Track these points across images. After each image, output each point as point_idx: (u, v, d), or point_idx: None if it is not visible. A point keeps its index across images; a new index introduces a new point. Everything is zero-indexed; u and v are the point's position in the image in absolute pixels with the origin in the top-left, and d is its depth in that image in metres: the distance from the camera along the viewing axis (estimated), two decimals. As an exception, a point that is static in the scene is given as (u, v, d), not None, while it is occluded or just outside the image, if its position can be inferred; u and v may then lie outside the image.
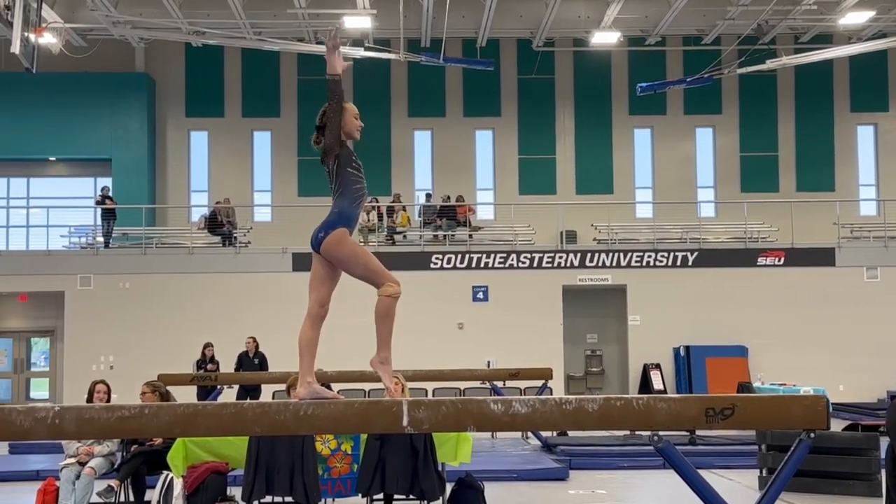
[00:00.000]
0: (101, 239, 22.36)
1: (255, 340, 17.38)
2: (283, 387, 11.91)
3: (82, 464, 8.60)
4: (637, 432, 12.32)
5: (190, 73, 25.35)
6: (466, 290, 21.68)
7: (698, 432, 13.16)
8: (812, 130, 25.71)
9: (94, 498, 8.44)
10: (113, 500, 8.43)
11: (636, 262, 22.00)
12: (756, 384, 19.21)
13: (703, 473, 5.03)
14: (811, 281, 21.72)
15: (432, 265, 21.71)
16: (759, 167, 25.65)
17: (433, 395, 17.68)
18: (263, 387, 16.66)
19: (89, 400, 8.92)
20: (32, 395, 23.17)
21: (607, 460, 12.58)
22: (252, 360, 17.13)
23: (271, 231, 23.54)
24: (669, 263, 21.99)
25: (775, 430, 9.04)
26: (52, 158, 25.13)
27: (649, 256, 22.03)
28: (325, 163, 5.19)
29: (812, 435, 4.54)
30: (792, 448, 4.59)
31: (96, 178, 24.89)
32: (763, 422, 4.98)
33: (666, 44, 25.14)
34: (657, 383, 21.19)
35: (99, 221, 22.46)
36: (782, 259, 21.98)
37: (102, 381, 9.17)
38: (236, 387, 16.17)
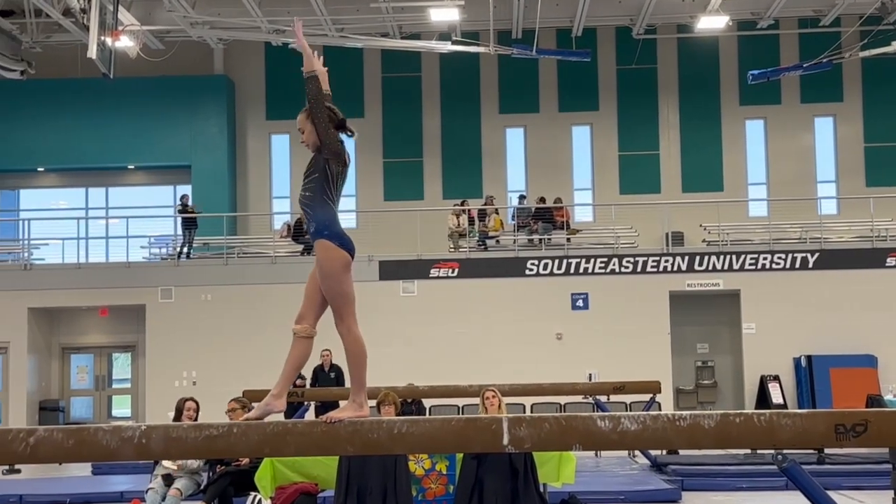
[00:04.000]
0: (181, 249, 22.86)
1: (330, 353, 17.10)
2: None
3: (168, 484, 8.83)
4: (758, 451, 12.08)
5: (270, 75, 25.79)
6: (565, 297, 21.56)
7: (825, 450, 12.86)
8: (945, 117, 24.94)
9: (181, 520, 8.66)
10: (199, 522, 8.64)
11: (750, 264, 21.60)
12: (887, 397, 18.64)
13: (831, 495, 4.91)
14: (947, 283, 21.04)
15: (528, 271, 21.65)
16: (886, 158, 24.93)
17: (531, 411, 17.65)
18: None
19: (178, 417, 9.18)
20: (114, 412, 23.82)
21: (724, 481, 12.38)
22: (328, 375, 17.18)
23: (356, 238, 23.46)
24: (787, 266, 21.54)
25: (911, 448, 8.76)
26: (131, 167, 25.83)
27: (765, 259, 21.61)
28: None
29: (954, 454, 4.40)
30: (932, 468, 4.46)
31: (175, 186, 25.46)
32: (899, 439, 4.84)
33: (779, 27, 24.64)
34: (776, 397, 20.75)
35: (179, 231, 23.00)
36: (914, 259, 21.37)
37: (192, 399, 9.43)
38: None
